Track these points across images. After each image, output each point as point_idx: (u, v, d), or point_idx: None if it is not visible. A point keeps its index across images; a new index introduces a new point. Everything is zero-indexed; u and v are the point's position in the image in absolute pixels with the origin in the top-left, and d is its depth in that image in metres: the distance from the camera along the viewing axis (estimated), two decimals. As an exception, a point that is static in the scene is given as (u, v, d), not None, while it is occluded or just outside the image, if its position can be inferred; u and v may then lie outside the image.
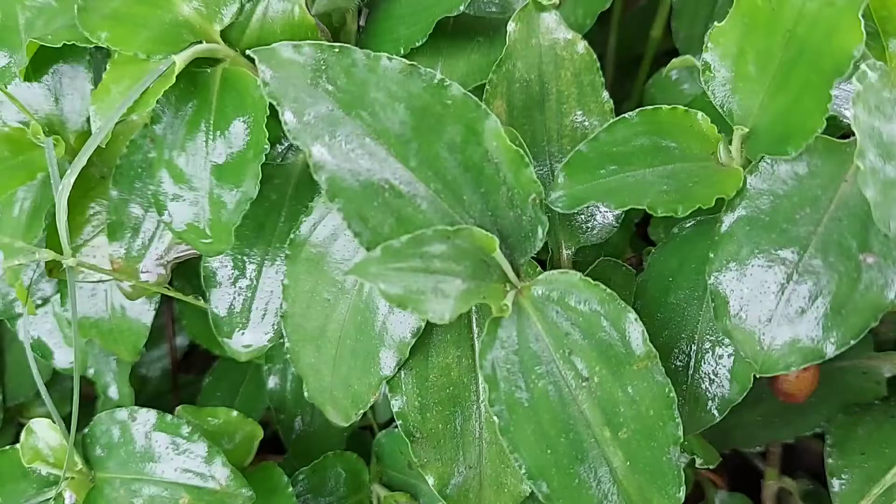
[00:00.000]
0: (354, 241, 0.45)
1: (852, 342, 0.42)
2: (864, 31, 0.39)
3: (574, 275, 0.45)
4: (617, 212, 0.51)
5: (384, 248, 0.42)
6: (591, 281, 0.45)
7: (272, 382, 0.66)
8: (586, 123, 0.54)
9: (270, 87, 0.44)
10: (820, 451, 0.58)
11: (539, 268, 0.51)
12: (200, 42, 0.52)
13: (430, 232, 0.43)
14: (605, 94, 0.55)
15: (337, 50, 0.44)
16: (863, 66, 0.40)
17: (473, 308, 0.50)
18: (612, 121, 0.48)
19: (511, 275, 0.45)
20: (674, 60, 0.59)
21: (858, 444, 0.57)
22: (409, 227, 0.44)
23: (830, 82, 0.41)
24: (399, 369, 0.50)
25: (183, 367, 0.80)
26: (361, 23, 0.58)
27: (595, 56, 0.55)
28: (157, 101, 0.51)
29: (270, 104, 0.46)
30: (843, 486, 0.56)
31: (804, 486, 0.65)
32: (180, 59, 0.50)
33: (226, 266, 0.56)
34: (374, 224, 0.44)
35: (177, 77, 0.51)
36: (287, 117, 0.44)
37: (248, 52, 0.45)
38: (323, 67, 0.44)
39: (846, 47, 0.40)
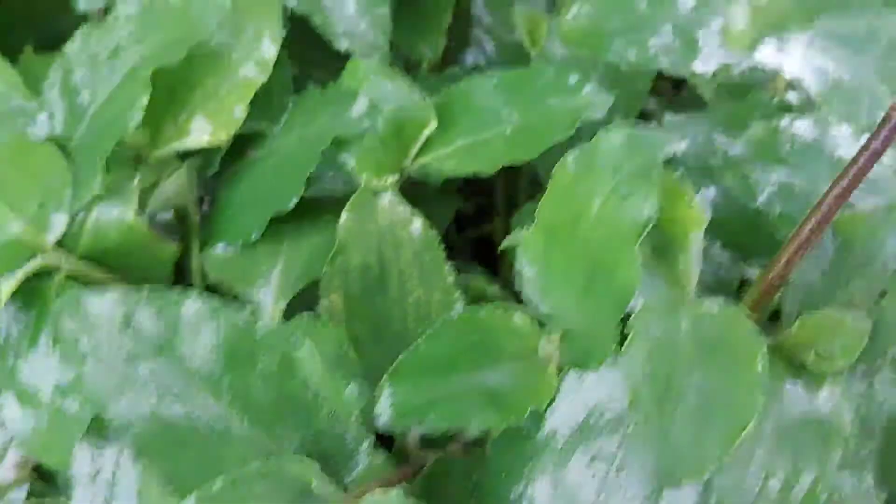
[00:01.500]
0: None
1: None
2: (640, 270, 0.40)
3: (398, 493, 0.46)
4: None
5: (198, 496, 0.43)
6: (414, 501, 0.45)
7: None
8: (430, 301, 0.55)
9: (80, 344, 0.44)
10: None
11: (386, 455, 0.51)
12: (35, 256, 0.53)
13: (246, 471, 0.44)
14: (447, 268, 0.55)
15: (145, 294, 0.45)
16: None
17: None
18: (435, 327, 0.48)
19: (334, 499, 0.46)
20: (505, 242, 0.58)
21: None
22: (225, 466, 0.45)
23: (619, 312, 0.42)
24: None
25: None
26: (206, 208, 0.58)
27: (435, 232, 0.56)
28: (-3, 314, 0.51)
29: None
30: None
31: None
32: (7, 286, 0.50)
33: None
34: (184, 471, 0.44)
35: (14, 292, 0.51)
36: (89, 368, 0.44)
37: (51, 307, 0.46)
38: (130, 313, 0.45)
39: (629, 284, 0.41)
